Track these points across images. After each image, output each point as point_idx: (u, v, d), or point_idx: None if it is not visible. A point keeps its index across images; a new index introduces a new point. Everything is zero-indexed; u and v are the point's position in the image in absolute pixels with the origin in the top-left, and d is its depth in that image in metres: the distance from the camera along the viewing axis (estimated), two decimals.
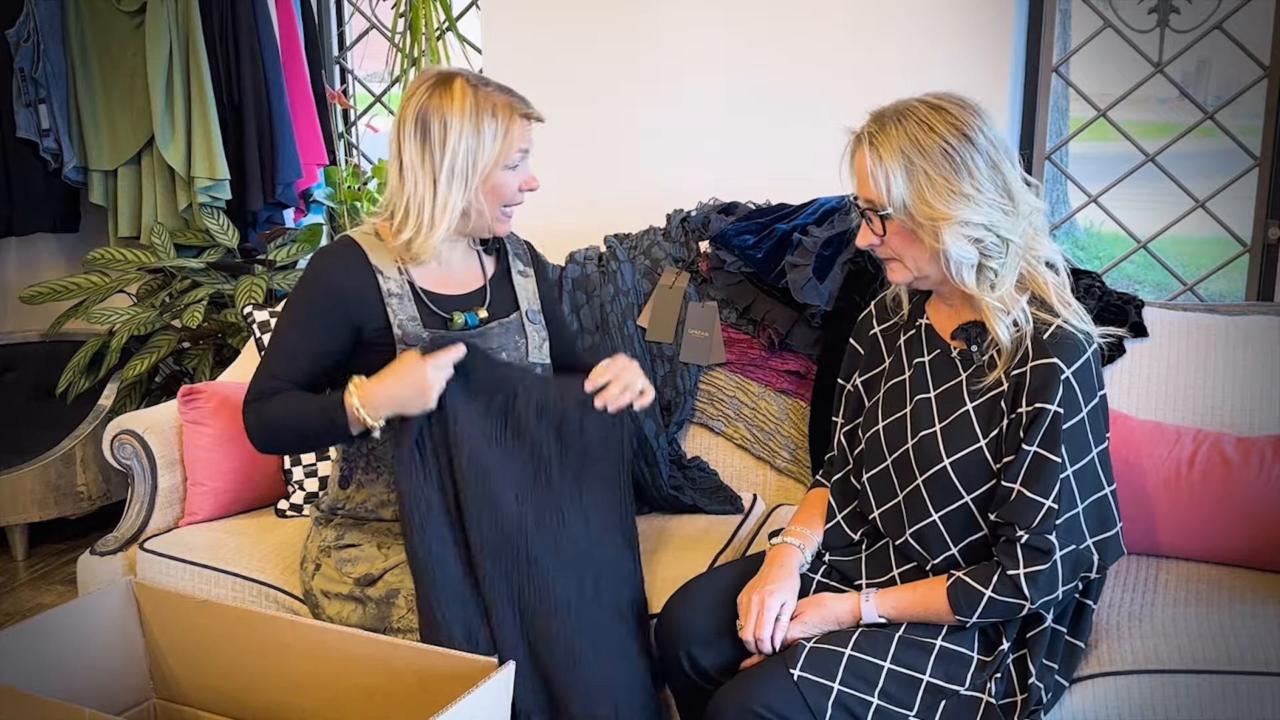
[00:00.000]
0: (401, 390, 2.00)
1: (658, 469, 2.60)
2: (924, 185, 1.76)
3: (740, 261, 2.67)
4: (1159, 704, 1.90)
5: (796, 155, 3.04)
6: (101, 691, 1.94)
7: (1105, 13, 3.05)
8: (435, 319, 2.14)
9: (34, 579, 3.42)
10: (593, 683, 1.96)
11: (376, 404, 2.00)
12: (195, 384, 2.96)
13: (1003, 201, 1.78)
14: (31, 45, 3.55)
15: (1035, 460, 1.78)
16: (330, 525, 2.21)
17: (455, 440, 2.02)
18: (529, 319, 2.25)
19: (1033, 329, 1.80)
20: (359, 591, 2.10)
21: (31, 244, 3.97)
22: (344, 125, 3.97)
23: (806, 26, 3.03)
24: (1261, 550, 2.20)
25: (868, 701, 1.78)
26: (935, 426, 1.89)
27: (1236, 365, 2.39)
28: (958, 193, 1.76)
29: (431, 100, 2.06)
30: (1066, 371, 1.77)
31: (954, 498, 1.86)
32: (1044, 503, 1.77)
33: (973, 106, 1.82)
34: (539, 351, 2.23)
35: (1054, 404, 1.76)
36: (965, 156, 1.76)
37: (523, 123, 2.10)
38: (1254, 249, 3.00)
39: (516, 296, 2.25)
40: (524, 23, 3.26)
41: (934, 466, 1.87)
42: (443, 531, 2.02)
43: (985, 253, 1.79)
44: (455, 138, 2.04)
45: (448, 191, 2.06)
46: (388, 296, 2.11)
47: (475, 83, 2.08)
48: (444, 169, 2.05)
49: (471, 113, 2.05)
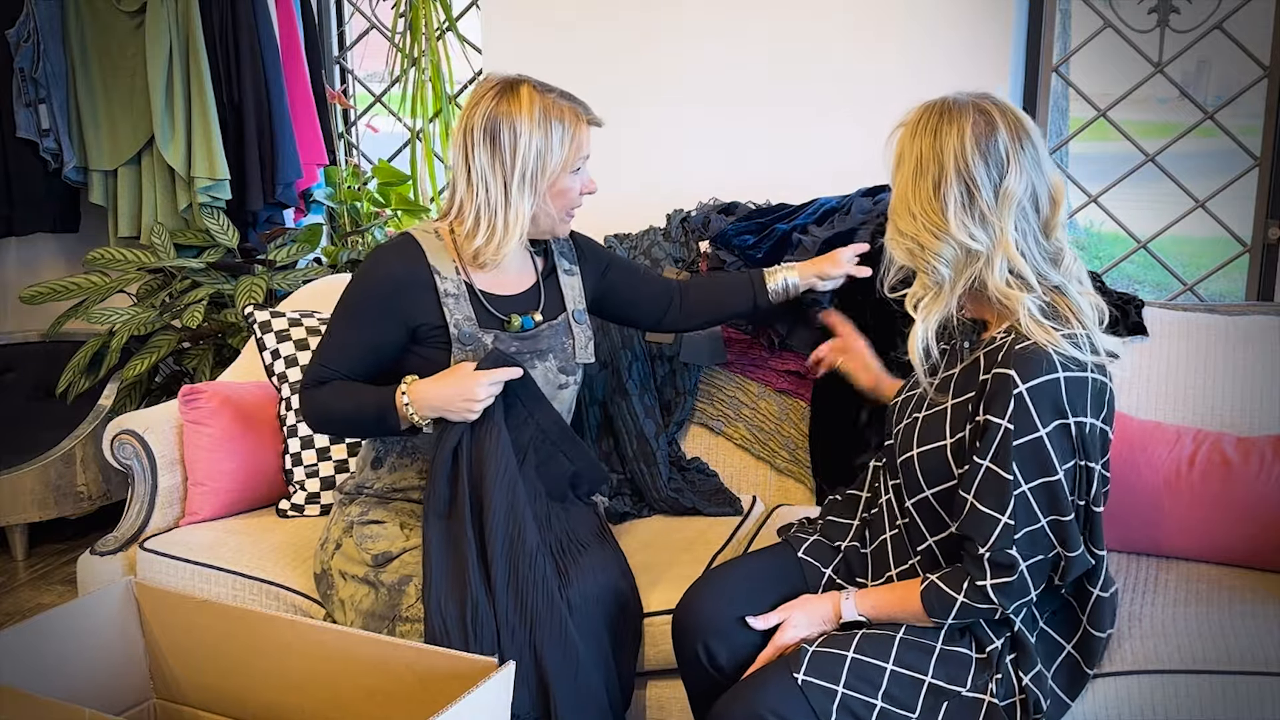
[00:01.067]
0: (450, 397, 2.05)
1: (657, 470, 2.60)
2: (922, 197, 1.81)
3: (740, 261, 2.67)
4: (1159, 704, 1.90)
5: (796, 155, 3.05)
6: (101, 691, 1.94)
7: (1105, 13, 3.06)
8: (492, 320, 2.17)
9: (34, 579, 3.42)
10: (585, 690, 2.00)
11: (425, 405, 2.06)
12: (195, 384, 2.96)
13: (975, 230, 1.79)
14: (31, 45, 3.55)
15: (987, 475, 1.76)
16: (355, 502, 2.24)
17: (491, 452, 2.05)
18: (575, 319, 2.27)
19: (1012, 338, 1.78)
20: (373, 575, 2.11)
21: (31, 244, 3.97)
22: (344, 125, 3.97)
23: (807, 26, 3.03)
24: (1261, 550, 2.20)
25: (871, 704, 1.78)
26: (920, 413, 1.91)
27: (1236, 365, 2.39)
28: (936, 216, 1.80)
29: (500, 107, 2.08)
30: (1020, 387, 1.73)
31: (918, 489, 1.89)
32: (999, 518, 1.75)
33: (994, 130, 1.79)
34: (584, 352, 2.27)
35: (1003, 419, 1.74)
36: (948, 188, 1.79)
37: (587, 128, 2.14)
38: (1254, 249, 3.00)
39: (564, 297, 2.28)
40: (524, 23, 3.26)
41: (905, 454, 1.90)
42: (452, 532, 2.05)
43: (970, 270, 1.81)
44: (525, 143, 2.07)
45: (519, 198, 2.09)
46: (444, 296, 2.13)
47: (540, 88, 2.11)
48: (515, 175, 2.08)
49: (541, 118, 2.08)
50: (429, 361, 2.13)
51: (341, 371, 2.13)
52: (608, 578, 2.16)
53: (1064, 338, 1.76)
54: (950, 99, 1.82)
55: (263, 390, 2.72)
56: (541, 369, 2.19)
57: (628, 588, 2.20)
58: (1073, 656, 1.90)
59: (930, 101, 1.84)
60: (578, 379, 2.28)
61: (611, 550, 2.25)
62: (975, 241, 1.78)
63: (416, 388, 2.07)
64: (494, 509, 2.03)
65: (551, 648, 1.99)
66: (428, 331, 2.14)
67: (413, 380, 2.08)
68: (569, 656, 1.99)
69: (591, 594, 2.11)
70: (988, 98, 1.82)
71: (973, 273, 1.80)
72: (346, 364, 2.14)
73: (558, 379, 2.23)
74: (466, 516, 2.04)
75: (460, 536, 2.04)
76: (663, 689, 2.22)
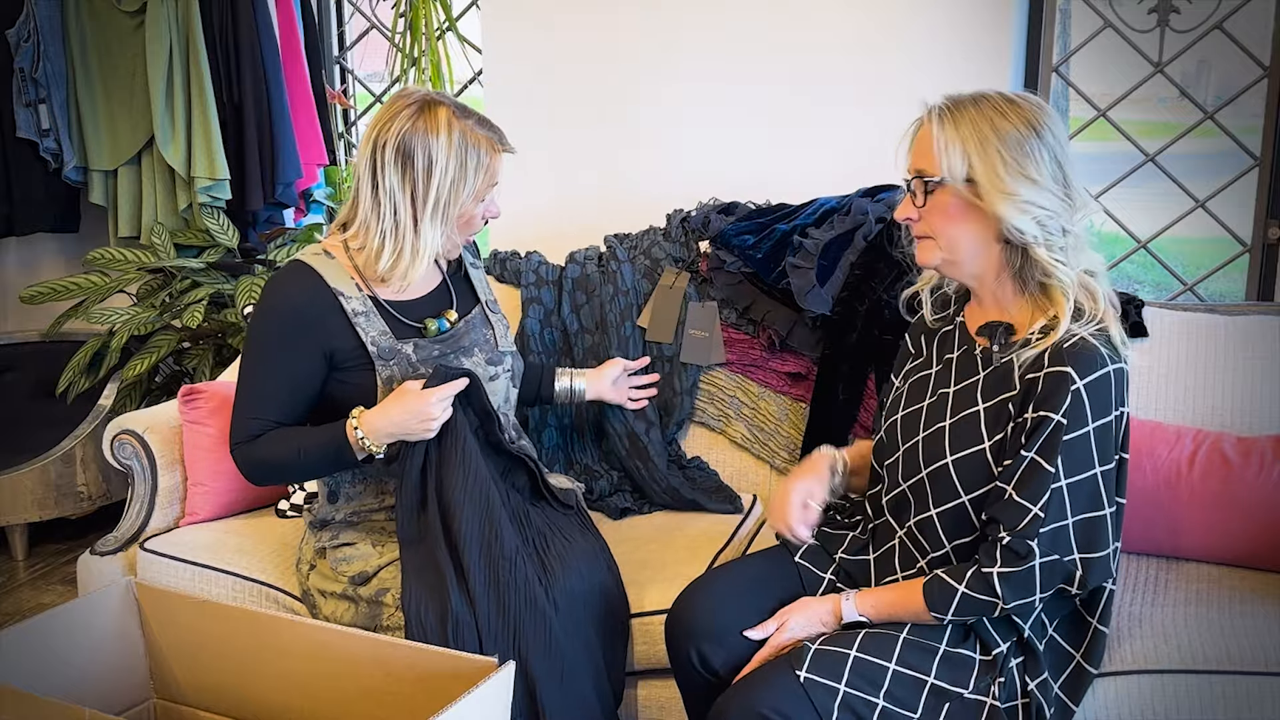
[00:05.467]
0: (404, 420, 2.00)
1: (654, 464, 2.59)
2: (996, 157, 1.78)
3: (740, 262, 2.67)
4: (1159, 704, 1.90)
5: (797, 155, 3.05)
6: (101, 691, 1.94)
7: (1105, 13, 3.06)
8: (407, 329, 2.13)
9: (34, 579, 3.42)
10: (572, 693, 1.99)
11: (379, 433, 2.01)
12: (195, 384, 2.96)
13: (1063, 197, 1.80)
14: (31, 45, 3.55)
15: (1029, 466, 1.77)
16: (325, 528, 2.21)
17: (458, 461, 2.03)
18: (490, 309, 2.26)
19: (1057, 339, 1.79)
20: (351, 590, 2.10)
21: (31, 244, 3.97)
22: (344, 125, 3.97)
23: (807, 25, 3.03)
24: (1261, 550, 2.20)
25: (873, 703, 1.78)
26: (945, 422, 1.89)
27: (1236, 365, 2.39)
28: (1025, 176, 1.78)
29: (416, 126, 2.01)
30: (1078, 383, 1.75)
31: (952, 495, 1.86)
32: (1031, 508, 1.76)
33: (1047, 107, 1.84)
34: (505, 340, 2.25)
35: (1058, 414, 1.75)
36: (1034, 147, 1.78)
37: (499, 158, 2.08)
38: (1254, 249, 3.00)
39: (475, 289, 2.26)
40: (524, 23, 3.26)
41: (937, 462, 1.88)
42: (427, 547, 2.03)
43: (1049, 235, 1.79)
44: (440, 171, 2.01)
45: (430, 227, 2.04)
46: (353, 316, 2.07)
47: (459, 113, 2.05)
48: (429, 203, 2.02)
49: (459, 148, 2.02)
50: (355, 386, 2.07)
51: (270, 418, 2.06)
52: (593, 574, 2.14)
53: (1097, 330, 1.79)
54: (949, 96, 1.84)
55: None
56: (469, 365, 2.15)
57: (613, 582, 2.18)
58: (1079, 663, 1.89)
59: (931, 103, 1.85)
60: (506, 366, 2.24)
61: (594, 541, 2.22)
62: (1067, 197, 1.81)
63: (367, 417, 2.01)
64: (465, 518, 2.00)
65: (536, 653, 1.97)
66: (345, 355, 2.07)
67: (360, 411, 2.02)
68: (554, 661, 1.97)
69: (578, 592, 2.08)
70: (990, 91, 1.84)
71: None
72: (274, 409, 2.06)
73: (487, 371, 2.19)
74: (437, 531, 2.01)
75: (435, 550, 2.01)
76: (663, 689, 2.22)
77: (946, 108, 1.82)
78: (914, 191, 1.85)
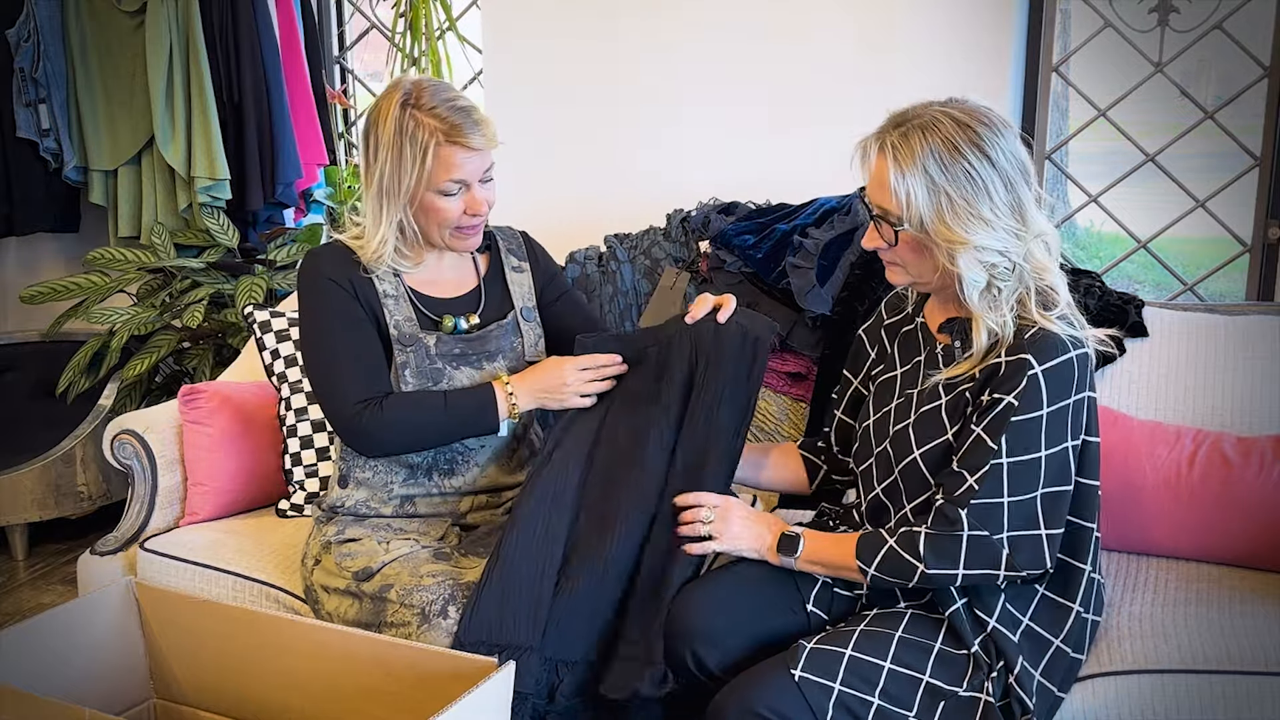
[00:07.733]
0: (545, 381, 2.06)
1: None
2: (945, 208, 1.78)
3: (740, 261, 2.67)
4: (1159, 704, 1.90)
5: (797, 155, 3.04)
6: (101, 691, 1.94)
7: (1105, 13, 3.06)
8: (428, 322, 2.14)
9: (34, 579, 3.42)
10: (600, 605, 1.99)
11: (523, 393, 2.08)
12: (195, 384, 2.96)
13: (1016, 225, 1.81)
14: (31, 45, 3.55)
15: (975, 440, 1.81)
16: (331, 522, 2.21)
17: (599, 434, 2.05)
18: (523, 317, 2.23)
19: (1014, 329, 1.81)
20: (355, 586, 2.10)
21: (31, 244, 3.97)
22: (344, 125, 3.97)
23: (807, 25, 3.03)
24: (1261, 550, 2.20)
25: (869, 702, 1.78)
26: (910, 419, 1.92)
27: (1236, 365, 2.39)
28: (977, 217, 1.78)
29: (374, 110, 2.04)
30: (1037, 369, 1.77)
31: (925, 488, 1.89)
32: (967, 479, 1.79)
33: (998, 123, 1.81)
34: (534, 349, 2.23)
35: (1011, 395, 1.78)
36: (987, 178, 1.78)
37: (455, 150, 2.00)
38: (1254, 249, 3.00)
39: (510, 295, 2.24)
40: (524, 23, 3.26)
41: (906, 458, 1.91)
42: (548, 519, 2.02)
43: (994, 276, 1.81)
44: (382, 158, 2.02)
45: (378, 209, 2.05)
46: (383, 297, 2.10)
47: (414, 101, 2.01)
48: (374, 184, 2.04)
49: (395, 134, 2.00)
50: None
51: (377, 385, 2.06)
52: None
53: (1058, 319, 1.81)
54: (895, 117, 1.83)
55: (263, 390, 2.72)
56: (491, 370, 2.15)
57: None
58: (1062, 649, 1.89)
59: (878, 129, 1.83)
60: None
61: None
62: (1020, 223, 1.81)
63: (514, 379, 2.09)
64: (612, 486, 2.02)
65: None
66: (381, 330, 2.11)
67: (503, 374, 2.10)
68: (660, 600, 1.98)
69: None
70: (932, 105, 1.83)
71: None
72: (378, 375, 2.07)
73: None
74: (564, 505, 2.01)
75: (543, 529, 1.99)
76: None
77: (894, 142, 1.80)
78: (879, 226, 1.87)
